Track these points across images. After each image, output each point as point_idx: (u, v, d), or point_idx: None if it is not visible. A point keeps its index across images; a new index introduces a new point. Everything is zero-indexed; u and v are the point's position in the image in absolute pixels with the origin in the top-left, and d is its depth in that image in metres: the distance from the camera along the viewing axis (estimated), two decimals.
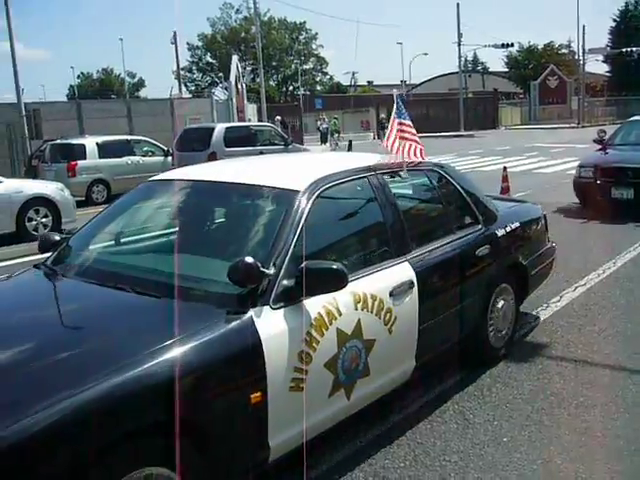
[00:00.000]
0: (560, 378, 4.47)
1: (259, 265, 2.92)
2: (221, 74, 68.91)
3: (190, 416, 2.55)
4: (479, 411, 4.04)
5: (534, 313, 5.76)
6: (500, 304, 4.67)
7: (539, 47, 67.04)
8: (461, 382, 4.41)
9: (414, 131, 4.44)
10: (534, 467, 3.43)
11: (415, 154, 4.39)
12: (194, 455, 2.61)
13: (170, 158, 17.03)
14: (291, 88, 73.41)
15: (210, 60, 75.85)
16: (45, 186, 11.78)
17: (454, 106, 46.38)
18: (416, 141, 4.43)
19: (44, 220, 11.23)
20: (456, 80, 51.28)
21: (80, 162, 16.07)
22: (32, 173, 17.39)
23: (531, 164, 19.82)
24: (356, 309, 3.33)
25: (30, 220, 11.08)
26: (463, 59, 54.60)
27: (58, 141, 17.44)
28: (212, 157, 14.62)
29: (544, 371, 4.60)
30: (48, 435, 2.24)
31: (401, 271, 3.71)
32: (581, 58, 49.58)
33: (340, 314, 3.22)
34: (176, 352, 2.63)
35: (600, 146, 11.99)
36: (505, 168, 10.93)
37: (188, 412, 2.54)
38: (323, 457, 3.51)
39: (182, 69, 57.72)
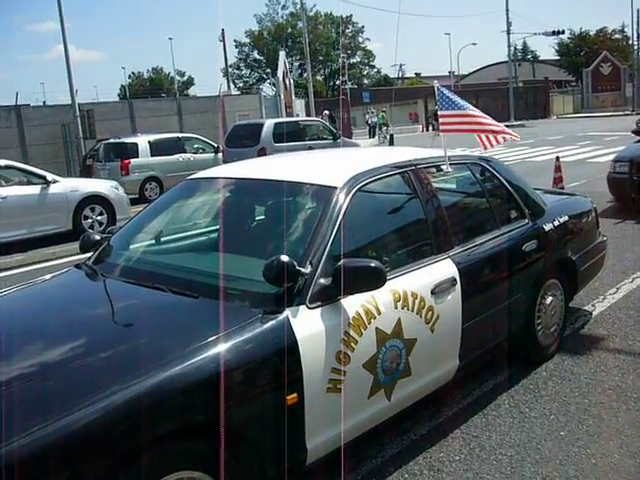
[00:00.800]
0: (618, 371, 4.35)
1: (295, 264, 2.87)
2: (269, 70, 69.26)
3: (226, 417, 2.53)
4: (535, 405, 3.96)
5: (590, 305, 5.60)
6: (548, 300, 4.52)
7: (591, 33, 65.36)
8: (515, 376, 4.33)
9: (466, 119, 4.40)
10: (593, 461, 3.35)
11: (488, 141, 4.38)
12: (230, 457, 2.58)
13: (220, 155, 17.20)
14: (338, 82, 73.16)
15: (257, 57, 76.25)
16: (100, 184, 12.04)
17: (504, 96, 45.61)
18: (471, 130, 4.41)
19: (99, 218, 11.47)
20: (505, 70, 50.44)
21: (133, 160, 16.37)
22: (87, 172, 17.81)
23: (584, 153, 19.33)
24: (396, 308, 3.25)
25: (86, 218, 11.32)
26: (512, 48, 53.49)
27: (111, 140, 17.80)
28: (261, 153, 14.69)
29: (601, 364, 4.47)
30: (91, 431, 2.25)
31: (443, 268, 3.61)
32: (635, 43, 48.11)
33: (379, 313, 3.15)
34: (212, 353, 2.61)
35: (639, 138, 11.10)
36: (558, 158, 10.64)
37: (224, 413, 2.51)
38: (376, 451, 3.49)
39: (230, 66, 58.26)
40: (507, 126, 4.91)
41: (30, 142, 22.88)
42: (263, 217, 3.98)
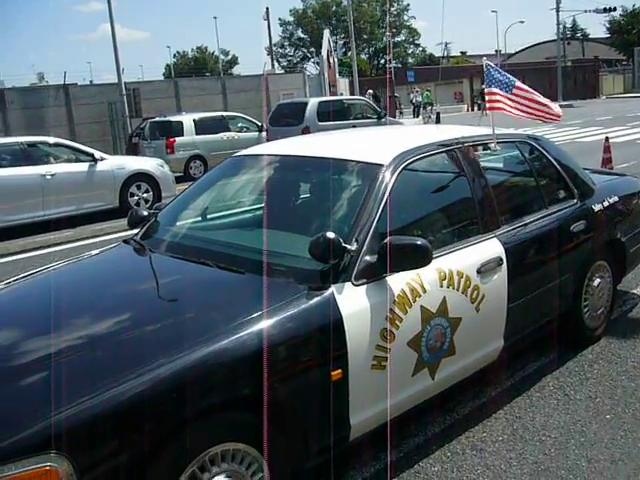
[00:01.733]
0: None
1: (341, 240, 2.88)
2: (313, 49, 68.99)
3: (271, 391, 2.56)
4: (580, 387, 3.92)
5: (639, 289, 5.49)
6: (596, 282, 4.44)
7: None
8: (560, 358, 4.28)
9: (514, 98, 4.34)
10: (639, 445, 3.29)
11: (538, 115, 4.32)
12: (274, 431, 2.61)
13: (264, 133, 17.26)
14: (382, 61, 72.41)
15: (302, 35, 75.96)
16: (146, 162, 12.23)
17: (551, 75, 44.55)
18: (516, 108, 4.34)
19: (145, 195, 11.66)
20: (554, 48, 49.20)
21: (178, 139, 16.56)
22: (133, 150, 18.06)
23: (634, 134, 18.78)
24: (441, 286, 3.24)
25: (132, 195, 11.53)
26: (561, 26, 52.19)
27: (157, 119, 18.01)
28: (305, 131, 14.69)
29: None
30: (138, 403, 2.31)
31: (489, 247, 3.57)
32: None
33: (424, 291, 3.14)
34: (258, 327, 2.64)
35: None
36: (607, 138, 10.37)
37: (269, 387, 2.54)
38: (419, 429, 3.51)
39: (274, 45, 58.18)
40: None
41: (78, 120, 23.29)
42: (308, 194, 3.99)
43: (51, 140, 11.46)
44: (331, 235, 2.85)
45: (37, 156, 10.81)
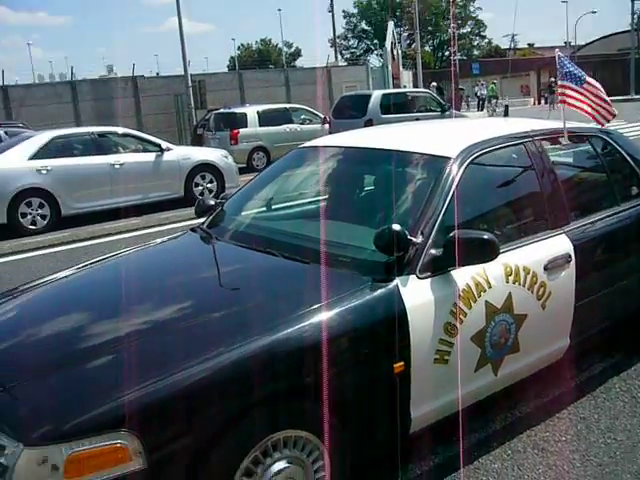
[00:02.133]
0: None
1: (406, 233, 2.87)
2: (376, 41, 68.58)
3: (333, 381, 2.57)
4: None
5: None
6: None
7: None
8: (628, 359, 4.16)
9: (585, 93, 4.23)
10: None
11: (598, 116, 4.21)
12: (336, 420, 2.63)
13: (327, 126, 17.31)
14: (447, 53, 71.46)
15: (365, 27, 75.57)
16: (211, 153, 12.43)
17: (624, 68, 43.11)
18: (589, 103, 4.22)
19: (209, 185, 11.87)
20: (627, 39, 47.53)
21: (242, 130, 16.79)
22: (197, 141, 18.40)
23: None
24: (507, 282, 3.19)
25: (197, 185, 11.74)
26: (636, 16, 50.31)
27: (222, 110, 18.30)
28: (368, 124, 14.69)
29: None
30: (200, 389, 2.35)
31: (558, 244, 3.50)
32: None
33: (490, 286, 3.10)
34: (322, 317, 2.66)
35: None
36: None
37: (332, 377, 2.56)
38: (480, 425, 3.47)
39: (337, 37, 58.08)
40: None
41: (145, 111, 23.90)
42: (374, 186, 3.98)
43: (120, 130, 11.78)
44: (397, 227, 2.84)
45: (107, 146, 11.14)
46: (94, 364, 2.51)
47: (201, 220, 4.15)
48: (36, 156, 10.26)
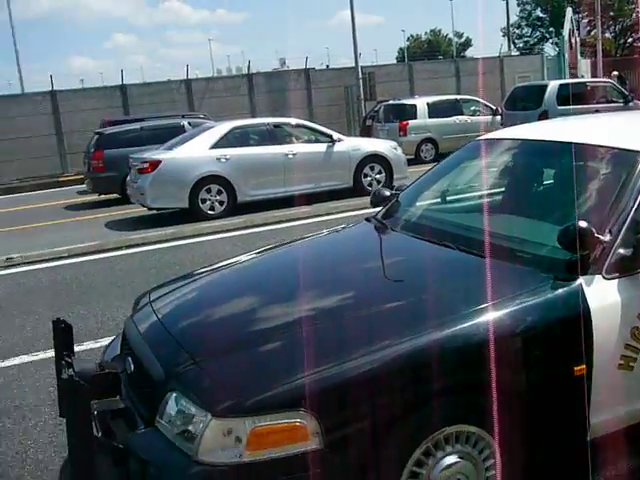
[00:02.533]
0: None
1: (593, 231, 2.73)
2: (552, 29, 65.31)
3: (510, 379, 2.53)
4: None
5: None
6: None
7: None
8: None
9: None
10: None
11: None
12: (509, 419, 2.56)
13: (498, 117, 16.88)
14: (630, 40, 66.63)
15: (540, 14, 72.26)
16: (380, 144, 12.55)
17: None
18: None
19: (378, 176, 11.97)
20: None
21: (411, 122, 16.81)
22: (366, 132, 18.62)
23: None
24: None
25: (365, 176, 11.88)
26: None
27: (391, 102, 18.40)
28: (543, 116, 14.12)
29: None
30: (374, 377, 2.40)
31: None
32: None
33: None
34: (499, 313, 2.61)
35: None
36: None
37: (508, 375, 2.52)
38: None
39: (510, 26, 56.11)
40: None
41: (316, 103, 24.54)
42: (554, 181, 3.82)
43: (293, 121, 12.20)
44: (583, 224, 2.71)
45: (281, 136, 11.59)
46: (273, 346, 2.65)
47: (373, 210, 4.20)
48: (216, 145, 10.90)
